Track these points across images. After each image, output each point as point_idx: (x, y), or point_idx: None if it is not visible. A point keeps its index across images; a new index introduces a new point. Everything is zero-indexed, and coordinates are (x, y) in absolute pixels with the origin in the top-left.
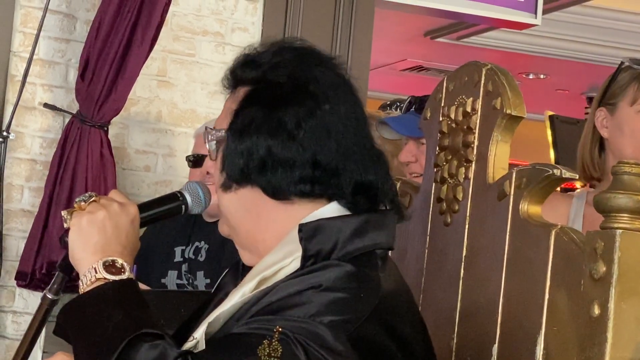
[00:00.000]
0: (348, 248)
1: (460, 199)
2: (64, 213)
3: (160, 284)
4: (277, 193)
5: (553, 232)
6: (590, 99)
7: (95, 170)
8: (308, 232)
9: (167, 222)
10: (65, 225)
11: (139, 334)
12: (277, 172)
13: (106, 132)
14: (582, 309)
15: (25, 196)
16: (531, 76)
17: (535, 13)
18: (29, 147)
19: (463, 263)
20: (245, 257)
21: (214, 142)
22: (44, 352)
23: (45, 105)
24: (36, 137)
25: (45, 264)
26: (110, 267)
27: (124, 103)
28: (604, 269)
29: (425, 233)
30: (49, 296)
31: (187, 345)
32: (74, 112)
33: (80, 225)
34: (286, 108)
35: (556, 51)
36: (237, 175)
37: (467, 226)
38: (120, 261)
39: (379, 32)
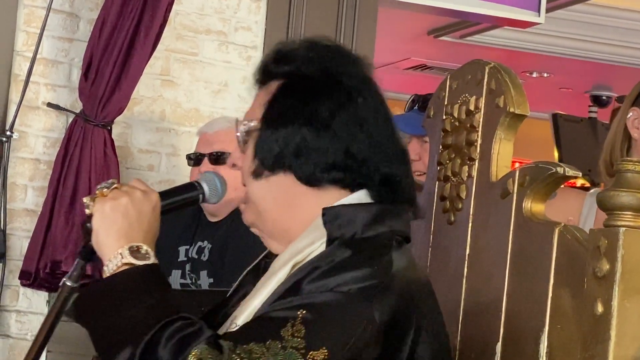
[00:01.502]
0: (368, 233)
1: (464, 198)
2: (85, 199)
3: None
4: (310, 179)
5: (556, 230)
6: (594, 98)
7: (99, 169)
8: (331, 216)
9: (171, 221)
10: (87, 212)
11: (175, 317)
12: (311, 159)
13: (109, 132)
14: (586, 307)
15: (29, 196)
16: (535, 75)
17: (539, 11)
18: (32, 147)
19: (466, 261)
20: (274, 246)
21: (245, 132)
22: (47, 351)
23: (49, 104)
24: (40, 136)
25: (49, 263)
26: (135, 252)
27: (127, 102)
28: (608, 267)
29: (428, 231)
30: (69, 284)
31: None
32: (78, 111)
33: (103, 210)
34: (321, 99)
35: (560, 49)
36: (271, 162)
37: (470, 224)
38: (144, 247)
39: (382, 31)
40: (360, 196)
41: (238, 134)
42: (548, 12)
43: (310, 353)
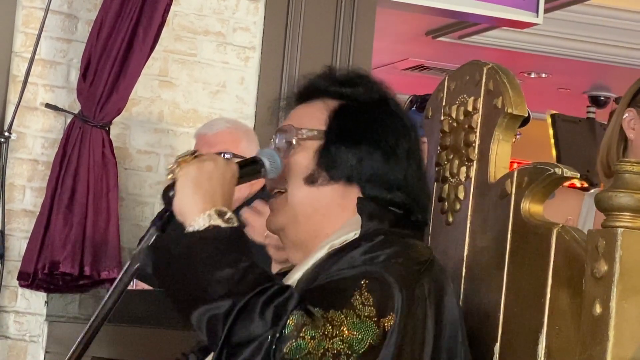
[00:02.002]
0: (388, 233)
1: (462, 198)
2: (170, 167)
3: None
4: (374, 197)
5: (555, 231)
6: (592, 98)
7: (97, 170)
8: (367, 209)
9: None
10: (169, 178)
11: (270, 284)
12: (378, 179)
13: (108, 132)
14: (584, 307)
15: (27, 196)
16: (533, 75)
17: (537, 12)
18: (30, 148)
19: (465, 262)
20: (297, 257)
21: (302, 138)
22: (46, 352)
23: (47, 105)
24: (38, 137)
25: (47, 264)
26: (222, 215)
27: (125, 103)
28: (606, 267)
29: (427, 232)
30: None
31: None
32: (76, 112)
33: (190, 173)
34: (388, 127)
35: (558, 50)
36: (338, 174)
37: (468, 225)
38: (229, 212)
39: (380, 32)
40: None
41: (291, 139)
42: (546, 12)
43: (381, 320)
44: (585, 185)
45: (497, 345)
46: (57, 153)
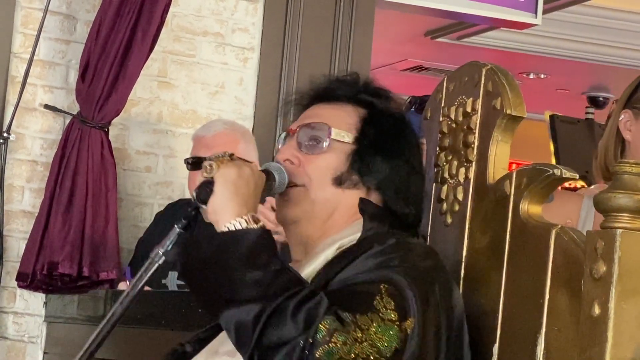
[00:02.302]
0: (396, 236)
1: (461, 199)
2: (207, 163)
3: (161, 285)
4: (392, 208)
5: (553, 232)
6: (591, 99)
7: (96, 171)
8: (370, 211)
9: (168, 221)
10: (205, 175)
11: (301, 288)
12: (401, 192)
13: (107, 133)
14: (583, 308)
15: (26, 197)
16: (531, 76)
17: (536, 13)
18: (29, 148)
19: (464, 263)
20: (298, 253)
21: (333, 139)
22: (45, 352)
23: (46, 106)
24: (37, 138)
25: (46, 265)
26: (256, 222)
27: (124, 104)
28: (605, 268)
29: (425, 233)
30: (161, 252)
31: None
32: (75, 113)
33: (230, 175)
34: (407, 141)
35: (556, 51)
36: (366, 181)
37: (467, 226)
38: (261, 219)
39: (379, 33)
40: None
41: (325, 137)
42: (545, 13)
43: (403, 323)
44: (585, 186)
45: (496, 346)
46: (56, 154)
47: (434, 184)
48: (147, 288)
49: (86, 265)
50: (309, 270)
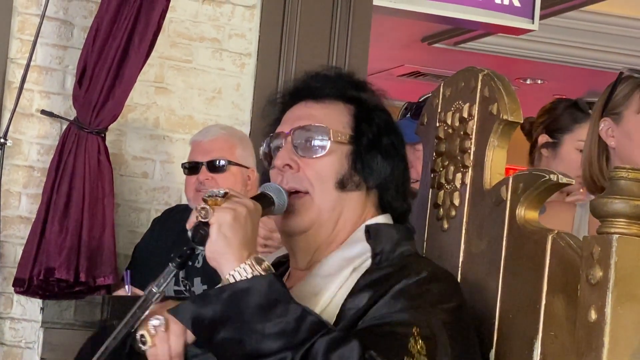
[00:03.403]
0: (399, 249)
1: (457, 205)
2: (201, 207)
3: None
4: (389, 205)
5: (550, 238)
6: (588, 104)
7: (93, 176)
8: (373, 233)
9: (165, 227)
10: (200, 219)
11: (327, 330)
12: (401, 189)
13: (103, 139)
14: (579, 313)
15: (23, 203)
16: (528, 81)
17: (533, 18)
18: (26, 154)
19: (460, 268)
20: (304, 262)
21: (333, 140)
22: (41, 358)
23: (43, 111)
24: (33, 143)
25: (43, 271)
26: (260, 263)
27: (121, 109)
28: (601, 273)
29: (422, 239)
30: (154, 290)
31: None
32: (72, 118)
33: (225, 221)
34: (399, 136)
35: (553, 56)
36: (368, 181)
37: (464, 232)
38: (265, 260)
39: (376, 38)
40: (385, 217)
41: (323, 140)
42: (542, 19)
43: None
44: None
45: (493, 351)
46: (52, 159)
47: (431, 190)
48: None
49: (83, 271)
50: (326, 297)
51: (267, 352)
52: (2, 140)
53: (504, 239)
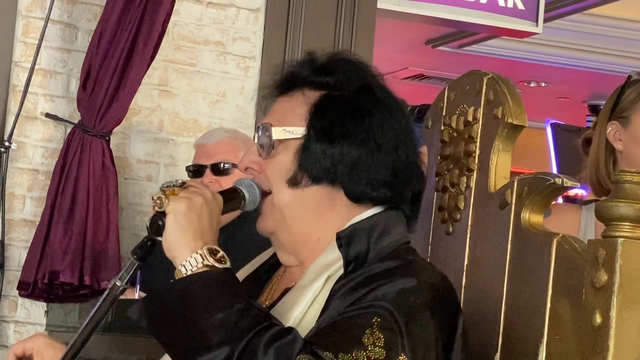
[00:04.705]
0: (378, 247)
1: (462, 208)
2: (156, 197)
3: None
4: (358, 196)
5: (554, 241)
6: (592, 107)
7: (97, 179)
8: (345, 239)
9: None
10: (156, 209)
11: (269, 323)
12: (364, 177)
13: (108, 142)
14: (584, 317)
15: (27, 206)
16: (532, 84)
17: (537, 21)
18: (30, 157)
19: (465, 272)
20: (286, 258)
21: (280, 139)
22: None
23: (47, 115)
24: (38, 147)
25: (47, 274)
26: (214, 254)
27: (125, 113)
28: (606, 277)
29: (426, 242)
30: (118, 284)
31: None
32: (76, 122)
33: (180, 209)
34: (371, 116)
35: (557, 59)
36: (320, 175)
37: (468, 235)
38: (220, 251)
39: (380, 41)
40: (377, 209)
41: (271, 138)
42: (546, 22)
43: None
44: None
45: (498, 355)
46: (57, 163)
47: (435, 193)
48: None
49: (87, 274)
50: (298, 312)
51: (209, 345)
52: (6, 143)
53: (509, 242)
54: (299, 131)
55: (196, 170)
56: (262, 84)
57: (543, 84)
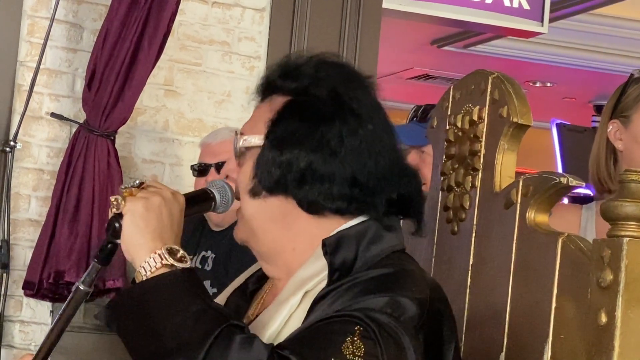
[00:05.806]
0: (367, 255)
1: (467, 208)
2: (113, 198)
3: None
4: (312, 207)
5: (560, 240)
6: (597, 107)
7: (102, 179)
8: (331, 246)
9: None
10: (114, 211)
11: (229, 324)
12: (315, 187)
13: (113, 142)
14: (589, 317)
15: (33, 206)
16: (538, 84)
17: (542, 21)
18: (36, 157)
19: (470, 271)
20: (265, 267)
21: (245, 147)
22: None
23: (52, 114)
24: (43, 146)
25: (53, 273)
26: (173, 254)
27: (130, 112)
28: (611, 277)
29: (432, 242)
30: (82, 288)
31: None
32: (81, 121)
33: (136, 210)
34: (330, 124)
35: (563, 59)
36: (271, 185)
37: (474, 234)
38: (180, 250)
39: (385, 41)
40: (360, 220)
41: (237, 146)
42: (552, 22)
43: None
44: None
45: (503, 354)
46: (62, 162)
47: (440, 192)
48: None
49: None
50: (273, 330)
51: (167, 351)
52: (11, 143)
53: (514, 241)
54: (258, 140)
55: (201, 170)
56: None
57: (548, 84)
